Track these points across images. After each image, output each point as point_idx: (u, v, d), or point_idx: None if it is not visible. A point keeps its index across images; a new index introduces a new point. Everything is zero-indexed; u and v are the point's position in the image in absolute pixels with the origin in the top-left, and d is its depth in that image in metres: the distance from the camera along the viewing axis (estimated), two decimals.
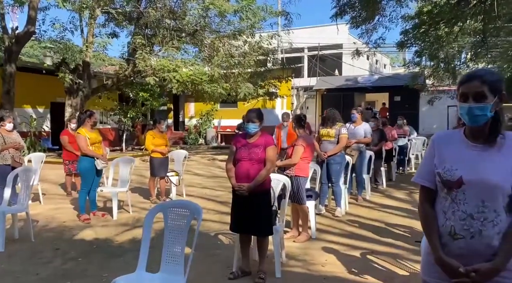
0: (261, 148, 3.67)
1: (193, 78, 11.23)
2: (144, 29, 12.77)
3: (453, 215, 1.62)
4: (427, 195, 1.73)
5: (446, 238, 1.64)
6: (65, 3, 9.34)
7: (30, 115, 13.36)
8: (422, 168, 1.78)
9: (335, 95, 22.97)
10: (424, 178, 1.74)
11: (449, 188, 1.64)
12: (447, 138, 1.74)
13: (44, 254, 4.40)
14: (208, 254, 4.46)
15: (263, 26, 13.53)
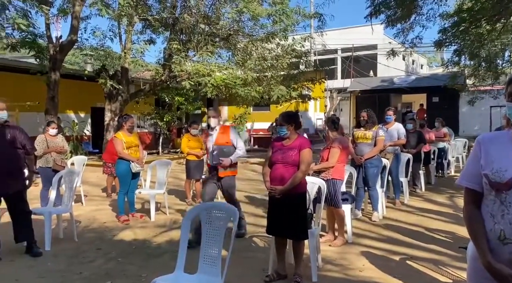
0: (295, 150, 3.65)
1: (227, 82, 11.35)
2: (180, 34, 13.06)
3: (503, 219, 1.54)
4: (473, 197, 1.66)
5: (495, 243, 1.56)
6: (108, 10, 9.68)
7: (72, 120, 13.96)
8: (466, 170, 1.71)
9: (370, 96, 22.52)
10: (469, 180, 1.67)
11: (497, 190, 1.56)
12: (494, 139, 1.66)
13: (87, 253, 4.57)
14: (244, 256, 4.48)
15: (296, 29, 13.50)
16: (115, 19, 11.97)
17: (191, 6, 12.64)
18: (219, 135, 4.99)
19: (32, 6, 10.80)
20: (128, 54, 12.35)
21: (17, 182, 4.41)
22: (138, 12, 11.87)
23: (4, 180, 4.25)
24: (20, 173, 4.51)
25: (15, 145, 4.38)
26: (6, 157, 4.26)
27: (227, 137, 4.96)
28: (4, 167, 4.23)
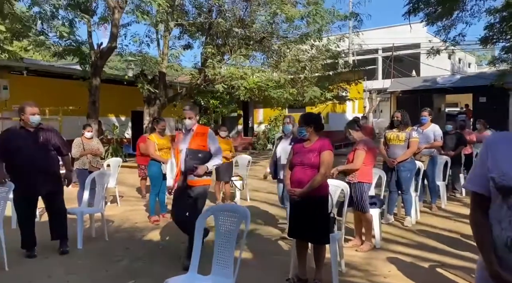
0: (315, 152, 3.58)
1: (260, 84, 11.38)
2: (216, 39, 13.28)
3: (510, 225, 1.43)
4: (480, 202, 1.55)
5: (502, 251, 1.45)
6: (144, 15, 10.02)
7: (113, 123, 14.53)
8: (473, 173, 1.60)
9: (411, 97, 21.76)
10: (475, 184, 1.56)
11: (504, 195, 1.45)
12: (504, 140, 1.54)
13: (116, 252, 4.72)
14: (267, 259, 4.46)
15: (331, 29, 13.31)
16: (153, 25, 12.37)
17: (225, 10, 12.82)
18: (194, 138, 4.24)
19: (76, 15, 11.39)
20: (165, 59, 12.70)
21: (51, 182, 4.62)
22: (174, 18, 12.18)
23: (38, 181, 4.47)
24: (54, 173, 4.73)
25: (49, 147, 4.60)
26: (40, 158, 4.47)
27: (203, 141, 4.24)
28: (37, 168, 4.44)
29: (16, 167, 4.48)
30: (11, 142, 4.48)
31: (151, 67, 13.50)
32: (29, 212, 4.61)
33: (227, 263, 2.78)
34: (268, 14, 11.88)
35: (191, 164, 4.15)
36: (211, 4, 12.97)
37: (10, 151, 4.43)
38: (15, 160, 4.43)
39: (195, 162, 4.15)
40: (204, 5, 13.41)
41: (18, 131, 4.54)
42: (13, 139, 4.50)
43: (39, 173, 4.44)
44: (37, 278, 3.97)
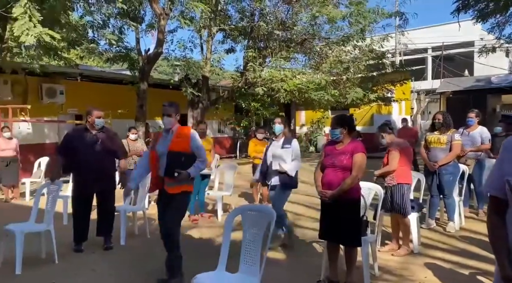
0: (348, 154, 3.56)
1: (300, 86, 11.37)
2: (258, 42, 13.44)
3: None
4: (497, 205, 1.51)
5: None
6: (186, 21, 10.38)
7: (159, 125, 15.10)
8: (490, 176, 1.56)
9: (462, 98, 20.68)
10: (492, 187, 1.52)
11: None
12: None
13: (155, 249, 4.92)
14: (299, 260, 4.49)
15: (374, 29, 13.03)
16: (196, 31, 12.76)
17: (267, 13, 12.96)
18: (175, 140, 3.76)
19: (125, 23, 12.01)
20: (208, 64, 13.03)
21: (105, 182, 4.93)
22: (217, 23, 12.48)
23: (94, 180, 4.79)
24: (109, 174, 5.04)
25: (107, 149, 4.93)
26: (97, 159, 4.79)
27: (185, 143, 3.75)
28: (95, 168, 4.76)
29: (76, 166, 4.88)
30: (74, 141, 4.87)
31: (194, 71, 13.87)
32: (85, 208, 4.93)
33: (253, 261, 2.85)
34: (309, 16, 11.86)
35: (171, 169, 3.64)
36: (253, 8, 13.16)
37: (72, 149, 4.82)
38: (76, 159, 4.82)
39: (177, 166, 3.65)
40: (246, 9, 13.62)
41: (82, 133, 4.93)
42: (76, 139, 4.89)
43: (95, 173, 4.76)
44: (83, 272, 4.25)
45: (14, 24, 7.18)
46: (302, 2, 12.30)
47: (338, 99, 13.13)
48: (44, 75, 11.14)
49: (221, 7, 12.78)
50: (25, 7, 6.98)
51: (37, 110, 11.06)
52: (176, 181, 3.66)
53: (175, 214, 3.81)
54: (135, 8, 12.21)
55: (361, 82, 13.51)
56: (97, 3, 10.61)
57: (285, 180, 4.79)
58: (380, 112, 19.71)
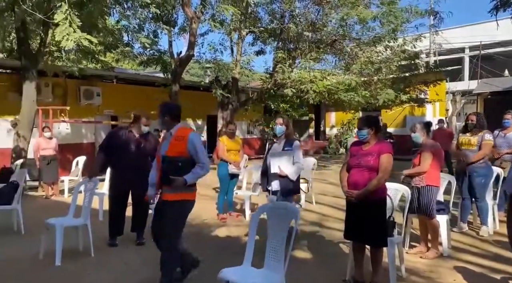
0: (374, 155, 3.57)
1: (330, 88, 11.33)
2: (288, 43, 13.51)
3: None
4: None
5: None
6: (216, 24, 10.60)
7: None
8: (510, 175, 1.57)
9: (501, 99, 19.89)
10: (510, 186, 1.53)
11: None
12: None
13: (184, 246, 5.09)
14: (326, 260, 4.53)
15: (406, 29, 12.79)
16: (227, 33, 12.98)
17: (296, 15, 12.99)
18: (173, 142, 3.48)
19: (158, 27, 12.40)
20: (237, 66, 13.21)
21: (141, 182, 5.09)
22: (247, 25, 12.64)
23: (131, 179, 5.01)
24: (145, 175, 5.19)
25: (146, 152, 5.13)
26: (136, 160, 5.02)
27: (182, 147, 3.44)
28: (133, 168, 4.97)
29: (115, 164, 5.17)
30: (117, 140, 5.15)
31: (225, 73, 14.12)
32: (120, 205, 5.17)
33: (278, 258, 2.92)
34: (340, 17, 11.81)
35: (166, 175, 3.39)
36: (283, 10, 13.23)
37: (114, 148, 5.09)
38: (116, 158, 5.09)
39: (173, 172, 3.38)
40: (277, 11, 13.70)
41: (126, 134, 5.19)
42: (120, 138, 5.16)
43: (132, 173, 4.97)
44: (116, 265, 4.46)
45: (55, 29, 7.59)
46: (332, 3, 12.27)
47: (369, 100, 12.99)
48: (82, 78, 11.67)
49: (251, 10, 12.94)
50: (66, 13, 7.36)
51: (75, 111, 11.58)
52: (173, 188, 3.38)
53: (170, 224, 3.46)
54: (168, 12, 12.57)
55: (392, 83, 13.30)
56: (132, 8, 11.00)
57: (286, 185, 4.48)
58: (413, 113, 19.25)
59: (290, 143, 4.64)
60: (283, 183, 4.48)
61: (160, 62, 13.15)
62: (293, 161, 4.58)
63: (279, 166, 4.47)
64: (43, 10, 8.62)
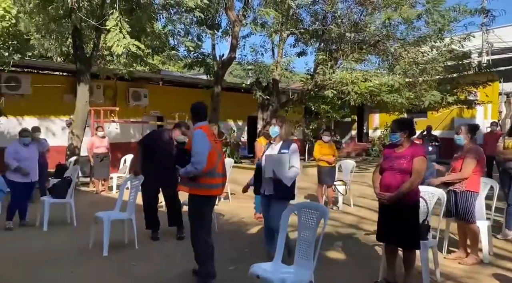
0: (407, 158, 3.57)
1: (371, 89, 11.18)
2: (330, 44, 13.46)
3: None
4: None
5: None
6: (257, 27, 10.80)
7: (231, 127, 15.78)
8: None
9: None
10: None
11: None
12: None
13: (222, 242, 5.28)
14: (360, 261, 4.56)
15: (454, 28, 12.33)
16: (268, 36, 13.15)
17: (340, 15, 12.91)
18: (189, 140, 3.98)
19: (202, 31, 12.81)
20: (278, 67, 13.34)
21: (171, 182, 5.37)
22: (288, 27, 12.74)
23: (163, 177, 5.32)
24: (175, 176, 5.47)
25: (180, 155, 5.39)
26: (169, 161, 5.13)
27: (189, 143, 3.84)
28: (166, 168, 5.20)
29: (149, 161, 5.43)
30: (156, 139, 5.49)
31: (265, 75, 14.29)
32: (153, 200, 5.50)
33: (307, 255, 3.03)
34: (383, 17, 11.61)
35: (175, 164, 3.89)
36: (325, 11, 13.20)
37: (151, 146, 5.41)
38: (150, 155, 5.38)
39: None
40: (319, 13, 13.69)
41: (164, 135, 5.53)
42: (158, 138, 5.51)
43: (165, 172, 5.27)
44: (158, 257, 4.73)
45: (107, 35, 8.11)
46: (376, 3, 12.08)
47: (414, 102, 12.66)
48: (131, 80, 12.29)
49: (292, 12, 13.01)
50: (117, 20, 7.84)
51: (124, 112, 12.22)
52: (185, 180, 3.76)
53: (190, 216, 3.83)
54: (212, 16, 12.94)
55: (438, 84, 12.87)
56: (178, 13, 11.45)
57: (279, 190, 4.06)
58: (461, 116, 18.47)
59: (287, 145, 4.15)
60: (276, 188, 4.05)
61: (203, 65, 13.56)
62: (289, 165, 4.06)
63: (274, 170, 4.01)
64: (96, 17, 9.22)
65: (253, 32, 11.06)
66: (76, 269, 4.30)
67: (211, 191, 3.78)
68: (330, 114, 15.48)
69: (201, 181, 3.67)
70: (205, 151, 3.63)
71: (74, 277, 4.08)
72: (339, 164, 7.94)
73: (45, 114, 11.55)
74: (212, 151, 3.71)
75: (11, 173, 5.89)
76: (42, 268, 4.30)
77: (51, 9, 9.12)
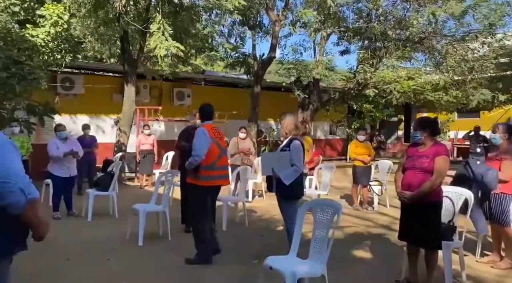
0: (429, 157, 3.52)
1: (415, 87, 10.85)
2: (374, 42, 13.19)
3: None
4: None
5: None
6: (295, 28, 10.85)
7: (270, 126, 15.91)
8: None
9: None
10: None
11: None
12: None
13: (251, 237, 5.46)
14: (385, 260, 4.53)
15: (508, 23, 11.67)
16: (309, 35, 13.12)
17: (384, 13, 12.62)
18: None
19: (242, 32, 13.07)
20: (319, 66, 13.28)
21: None
22: (329, 25, 12.65)
23: None
24: None
25: None
26: None
27: None
28: None
29: (184, 157, 5.66)
30: (187, 136, 5.68)
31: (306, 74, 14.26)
32: None
33: (321, 250, 3.09)
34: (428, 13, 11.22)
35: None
36: (369, 8, 12.95)
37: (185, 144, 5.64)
38: (184, 151, 5.60)
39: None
40: (363, 10, 13.46)
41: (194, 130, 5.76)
42: (189, 135, 5.71)
43: None
44: (189, 249, 4.85)
45: (151, 38, 8.55)
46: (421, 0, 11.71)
47: (461, 101, 12.13)
48: (175, 80, 12.79)
49: (334, 10, 12.88)
50: (159, 23, 8.24)
51: (168, 111, 12.74)
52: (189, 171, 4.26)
53: (191, 204, 4.47)
54: (253, 17, 13.14)
55: (490, 82, 12.23)
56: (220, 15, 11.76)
57: (281, 189, 4.05)
58: None
59: (289, 142, 4.17)
60: (279, 187, 4.05)
61: (244, 65, 13.81)
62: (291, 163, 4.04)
63: (273, 168, 4.02)
64: (142, 20, 9.72)
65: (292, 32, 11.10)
66: (112, 257, 4.62)
67: (210, 182, 4.26)
68: (373, 114, 15.17)
69: (201, 173, 4.18)
70: (204, 146, 4.11)
71: (109, 264, 4.39)
72: (375, 164, 7.82)
73: (96, 112, 12.33)
74: (212, 147, 4.19)
75: (52, 167, 6.37)
76: (81, 255, 4.67)
77: (101, 13, 9.73)
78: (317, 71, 12.38)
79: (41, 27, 7.41)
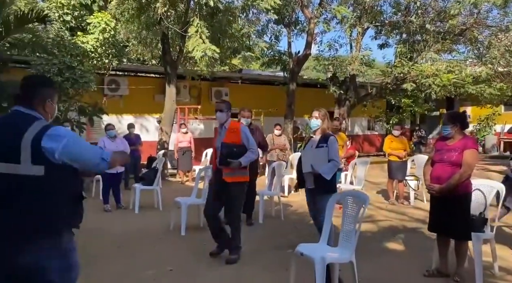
0: (458, 151, 3.60)
1: (454, 81, 10.60)
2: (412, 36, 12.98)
3: None
4: None
5: None
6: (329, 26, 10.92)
7: (306, 123, 15.97)
8: None
9: None
10: None
11: None
12: None
13: (285, 229, 5.69)
14: (417, 252, 4.62)
15: None
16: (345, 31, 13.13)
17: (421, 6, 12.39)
18: (228, 134, 4.28)
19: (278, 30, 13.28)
20: (356, 61, 13.23)
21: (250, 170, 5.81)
22: (365, 20, 12.58)
23: None
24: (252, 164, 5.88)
25: None
26: None
27: (237, 137, 4.26)
28: None
29: None
30: None
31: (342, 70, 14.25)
32: None
33: (350, 238, 3.28)
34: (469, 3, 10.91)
35: (225, 158, 4.14)
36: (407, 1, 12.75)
37: None
38: None
39: (231, 156, 4.17)
40: (401, 3, 13.27)
41: None
42: None
43: None
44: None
45: (189, 40, 8.96)
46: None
47: (507, 93, 11.71)
48: (213, 80, 13.20)
49: (371, 4, 12.78)
50: (197, 26, 8.63)
51: (207, 109, 13.16)
52: (232, 171, 4.21)
53: (233, 204, 4.39)
54: (289, 15, 13.30)
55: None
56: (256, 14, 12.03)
57: (320, 184, 4.00)
58: None
59: (325, 138, 4.08)
60: (317, 182, 4.02)
61: (280, 62, 14.00)
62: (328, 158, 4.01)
63: (312, 164, 4.01)
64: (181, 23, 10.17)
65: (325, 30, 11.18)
66: (157, 245, 5.01)
67: (248, 177, 4.52)
68: (412, 108, 14.89)
69: (246, 169, 4.38)
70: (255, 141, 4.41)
71: (154, 251, 4.78)
72: (412, 159, 7.80)
73: (140, 112, 12.99)
74: None
75: None
76: (130, 243, 5.09)
77: (144, 17, 10.27)
78: (353, 67, 12.37)
79: (91, 34, 8.00)
